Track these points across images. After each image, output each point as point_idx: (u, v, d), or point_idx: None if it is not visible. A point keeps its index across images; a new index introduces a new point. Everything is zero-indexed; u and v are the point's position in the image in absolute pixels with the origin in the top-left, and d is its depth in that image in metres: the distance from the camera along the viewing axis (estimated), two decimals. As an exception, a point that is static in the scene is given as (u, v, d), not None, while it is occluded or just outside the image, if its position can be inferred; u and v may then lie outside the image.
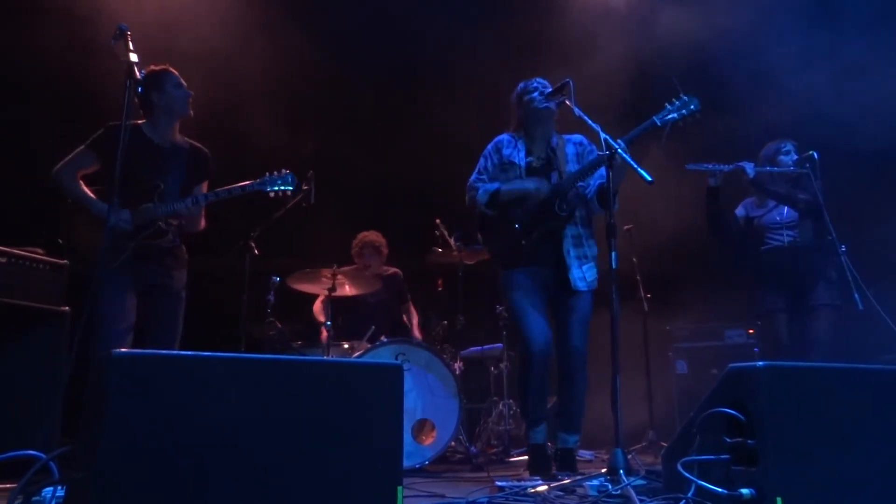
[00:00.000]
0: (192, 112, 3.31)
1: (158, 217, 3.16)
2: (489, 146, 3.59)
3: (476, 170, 3.57)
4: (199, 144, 3.44)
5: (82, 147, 3.19)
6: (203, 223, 3.43)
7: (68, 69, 4.58)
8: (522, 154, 3.48)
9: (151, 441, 1.48)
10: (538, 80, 3.49)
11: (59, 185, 3.17)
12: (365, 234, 5.08)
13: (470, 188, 3.54)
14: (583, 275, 3.36)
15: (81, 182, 3.18)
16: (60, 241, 3.24)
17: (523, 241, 3.34)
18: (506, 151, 3.51)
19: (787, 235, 3.97)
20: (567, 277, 3.34)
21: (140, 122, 3.25)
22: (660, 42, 5.20)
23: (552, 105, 3.35)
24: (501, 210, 3.42)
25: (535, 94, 3.43)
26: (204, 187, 3.39)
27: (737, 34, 5.10)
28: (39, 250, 3.38)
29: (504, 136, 3.58)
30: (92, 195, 3.17)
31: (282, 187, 3.29)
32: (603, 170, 3.42)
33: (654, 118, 3.05)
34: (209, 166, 3.44)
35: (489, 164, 3.54)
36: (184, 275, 3.36)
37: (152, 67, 3.25)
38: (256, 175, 3.30)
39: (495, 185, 3.45)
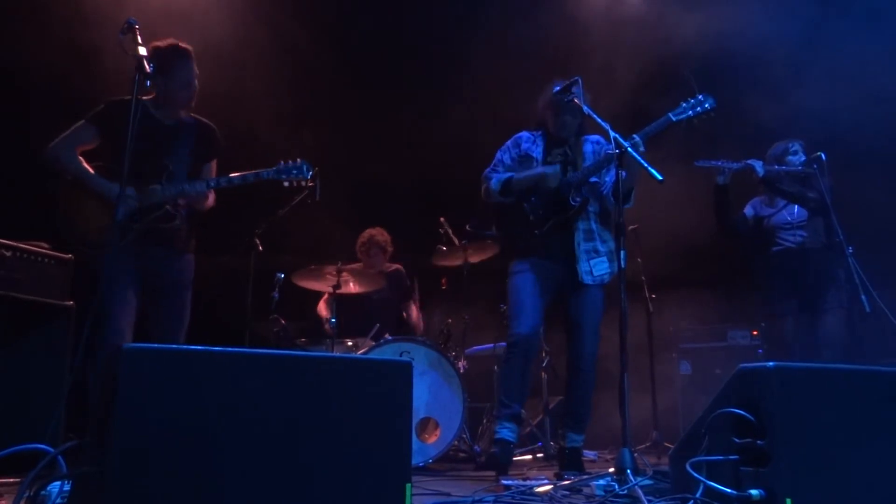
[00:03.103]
0: (193, 104, 3.22)
1: (167, 199, 3.05)
2: (509, 141, 3.63)
3: (493, 162, 3.60)
4: (206, 121, 3.33)
5: (82, 122, 3.09)
6: (211, 201, 3.30)
7: (70, 68, 4.57)
8: (541, 149, 3.52)
9: (161, 435, 1.47)
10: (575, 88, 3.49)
11: (56, 159, 3.04)
12: (370, 230, 5.07)
13: (484, 179, 3.57)
14: (590, 269, 3.37)
15: (81, 158, 3.06)
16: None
17: (537, 231, 3.36)
18: (525, 146, 3.56)
19: (799, 235, 3.96)
20: (575, 270, 3.35)
21: (145, 97, 3.09)
22: (666, 43, 5.19)
23: (572, 117, 3.39)
24: (516, 200, 3.44)
25: (562, 116, 3.45)
26: (213, 165, 3.30)
27: (742, 32, 5.09)
28: (44, 244, 3.36)
29: (524, 133, 3.61)
30: (93, 171, 3.05)
31: (297, 176, 3.20)
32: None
33: (670, 115, 3.12)
34: (218, 144, 3.33)
35: (507, 157, 3.58)
36: (191, 260, 3.25)
37: (172, 43, 3.10)
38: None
39: (508, 174, 3.49)
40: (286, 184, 3.21)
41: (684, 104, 3.10)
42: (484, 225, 4.56)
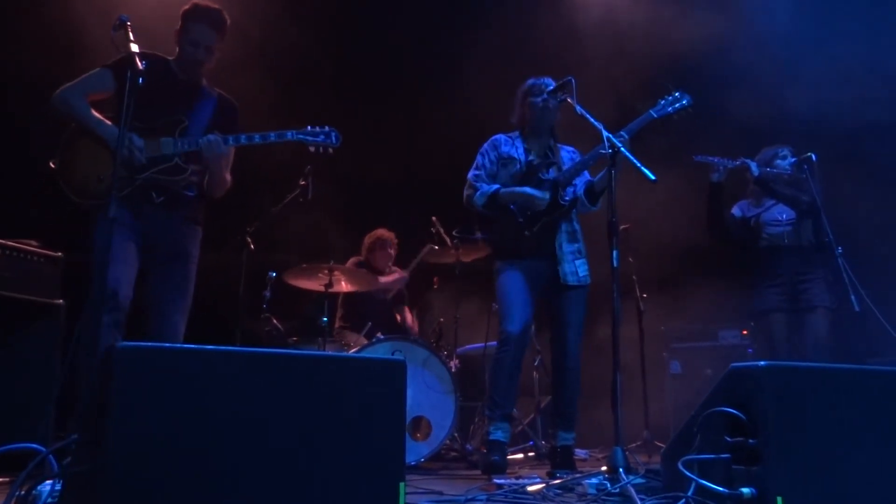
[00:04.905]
0: (204, 66, 3.07)
1: (178, 152, 2.89)
2: (486, 144, 3.62)
3: (474, 166, 3.60)
4: (228, 95, 3.22)
5: (99, 68, 2.93)
6: (228, 182, 3.14)
7: (63, 67, 4.53)
8: (521, 150, 3.52)
9: (156, 434, 1.46)
10: (546, 79, 3.50)
11: (64, 101, 2.88)
12: (380, 230, 5.08)
13: (468, 186, 3.56)
14: (574, 269, 3.40)
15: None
16: (52, 164, 2.90)
17: (527, 232, 3.36)
18: (504, 149, 3.55)
19: (787, 232, 3.98)
20: (558, 271, 3.37)
21: (169, 57, 3.05)
22: (659, 46, 5.22)
23: (554, 102, 3.38)
24: (503, 204, 3.44)
25: (540, 98, 3.45)
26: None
27: (735, 33, 5.12)
28: (34, 242, 3.34)
29: (500, 136, 3.62)
30: (105, 120, 2.89)
31: (324, 143, 3.06)
32: (587, 172, 3.49)
33: (651, 111, 3.21)
34: (237, 119, 3.21)
35: (486, 160, 3.57)
36: (198, 232, 3.09)
37: (192, 4, 3.00)
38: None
39: (494, 186, 3.47)
40: (311, 149, 3.07)
41: (663, 101, 3.21)
42: (469, 230, 4.57)
